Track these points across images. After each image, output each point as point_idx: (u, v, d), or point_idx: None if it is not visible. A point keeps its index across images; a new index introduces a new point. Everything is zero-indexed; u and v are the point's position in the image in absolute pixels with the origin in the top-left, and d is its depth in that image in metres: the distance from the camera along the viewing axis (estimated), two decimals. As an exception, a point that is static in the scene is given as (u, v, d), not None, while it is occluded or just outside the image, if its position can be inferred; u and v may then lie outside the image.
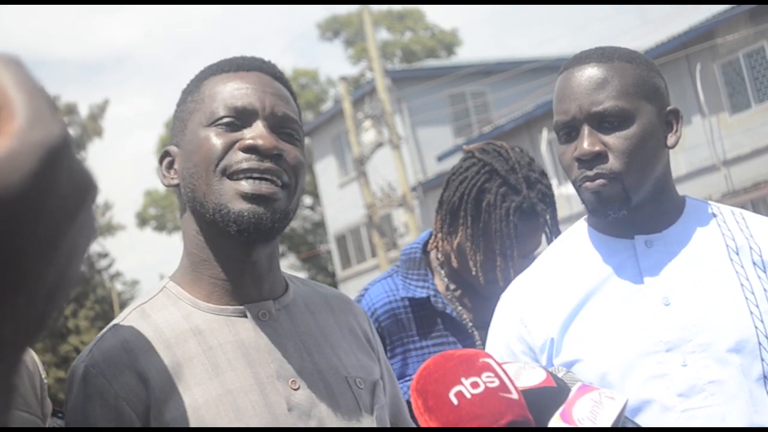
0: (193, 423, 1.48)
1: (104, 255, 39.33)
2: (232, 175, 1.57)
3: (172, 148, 1.69)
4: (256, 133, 1.59)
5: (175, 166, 1.67)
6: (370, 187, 23.51)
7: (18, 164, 0.51)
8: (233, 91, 1.63)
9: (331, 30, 44.20)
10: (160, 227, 46.83)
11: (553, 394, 1.46)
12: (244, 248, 1.61)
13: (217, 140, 1.59)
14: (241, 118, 1.61)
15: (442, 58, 41.51)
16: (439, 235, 2.66)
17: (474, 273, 2.58)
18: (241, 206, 1.55)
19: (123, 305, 37.57)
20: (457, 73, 27.60)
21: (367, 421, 1.64)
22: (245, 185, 1.56)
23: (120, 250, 75.21)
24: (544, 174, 2.66)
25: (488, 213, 2.55)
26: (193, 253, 1.66)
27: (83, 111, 43.44)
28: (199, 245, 1.64)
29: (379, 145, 22.91)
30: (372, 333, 1.85)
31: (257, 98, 1.62)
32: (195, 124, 1.64)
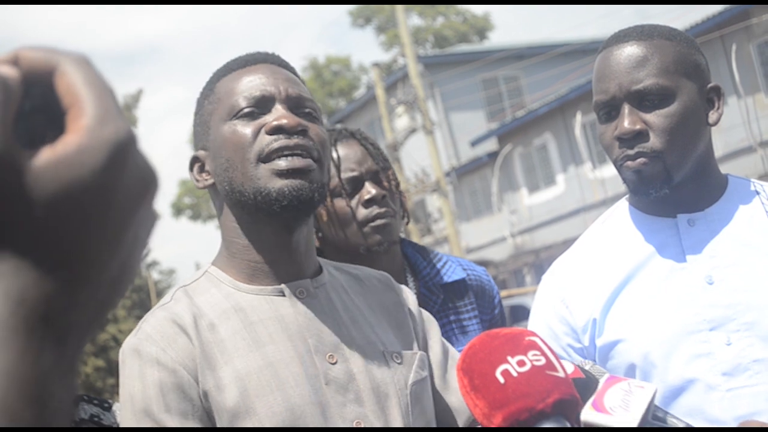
0: (237, 391, 1.53)
1: (141, 244, 39.61)
2: (266, 158, 1.63)
3: (200, 153, 1.75)
4: (278, 114, 1.66)
5: (207, 167, 1.73)
6: (404, 173, 23.51)
7: (88, 159, 0.54)
8: (248, 84, 1.70)
9: (362, 17, 44.18)
10: (195, 216, 47.14)
11: (583, 384, 1.46)
12: (284, 230, 1.67)
13: (243, 129, 1.66)
14: (260, 106, 1.68)
15: (475, 43, 41.36)
16: None
17: None
18: (281, 183, 1.61)
19: (160, 294, 37.88)
20: (489, 57, 27.49)
21: (402, 396, 1.66)
22: (280, 163, 1.62)
23: (156, 240, 75.76)
24: None
25: None
26: (232, 242, 1.71)
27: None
28: (238, 234, 1.70)
29: (413, 131, 22.90)
30: (415, 307, 1.86)
31: (271, 85, 1.70)
32: (217, 122, 1.70)
